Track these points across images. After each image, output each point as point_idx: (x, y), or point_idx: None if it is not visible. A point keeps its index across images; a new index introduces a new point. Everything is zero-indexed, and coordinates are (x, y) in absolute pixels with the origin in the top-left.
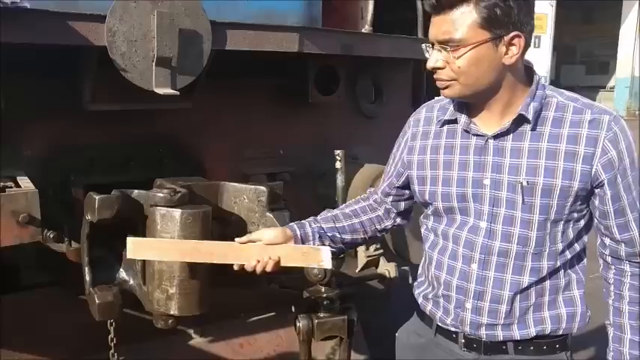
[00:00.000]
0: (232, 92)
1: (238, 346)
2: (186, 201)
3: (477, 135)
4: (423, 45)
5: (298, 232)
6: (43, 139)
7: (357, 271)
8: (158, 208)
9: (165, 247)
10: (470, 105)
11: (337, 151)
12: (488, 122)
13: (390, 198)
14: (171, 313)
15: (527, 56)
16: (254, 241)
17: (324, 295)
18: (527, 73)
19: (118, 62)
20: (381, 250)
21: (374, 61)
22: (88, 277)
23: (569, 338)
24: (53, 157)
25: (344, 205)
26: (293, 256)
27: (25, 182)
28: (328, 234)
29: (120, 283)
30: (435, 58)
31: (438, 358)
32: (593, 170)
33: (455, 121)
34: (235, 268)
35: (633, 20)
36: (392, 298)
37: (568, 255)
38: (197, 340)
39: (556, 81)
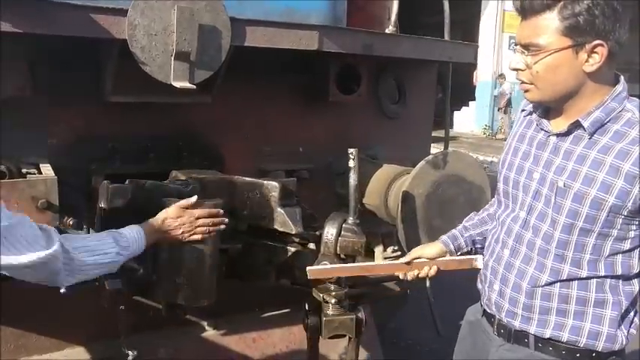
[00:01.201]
0: (253, 89)
1: (251, 341)
2: (198, 193)
3: (543, 130)
4: (513, 46)
5: (452, 246)
6: (67, 127)
7: None
8: (170, 199)
9: (337, 271)
10: None
11: (350, 150)
12: (559, 121)
13: None
14: (179, 302)
15: None
16: (416, 258)
17: (333, 293)
18: (615, 82)
19: (137, 55)
20: (399, 252)
21: (397, 61)
22: None
23: (600, 355)
24: (75, 146)
25: (488, 205)
26: (450, 265)
27: (46, 169)
28: (478, 238)
29: (129, 272)
30: (516, 59)
31: (478, 337)
32: (635, 191)
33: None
34: (401, 277)
35: None
36: (408, 300)
37: (602, 271)
38: (210, 333)
39: None
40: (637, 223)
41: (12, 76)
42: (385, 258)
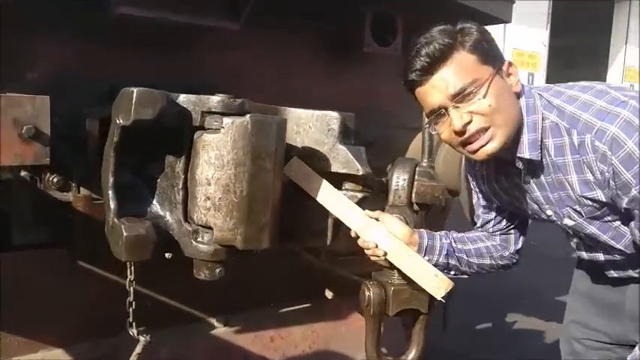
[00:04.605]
0: (275, 35)
1: (268, 340)
2: (248, 110)
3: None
4: (426, 124)
5: (425, 242)
6: (53, 58)
7: None
8: (216, 116)
9: (313, 180)
10: None
11: None
12: (508, 160)
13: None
14: (237, 245)
15: None
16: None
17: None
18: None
19: None
20: None
21: (438, 11)
22: (112, 204)
23: None
24: (63, 83)
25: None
26: (416, 270)
27: None
28: (457, 254)
29: (153, 218)
30: (458, 116)
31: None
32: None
33: None
34: (352, 235)
35: (619, 67)
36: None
37: None
38: (221, 330)
39: None
40: None
41: None
42: None
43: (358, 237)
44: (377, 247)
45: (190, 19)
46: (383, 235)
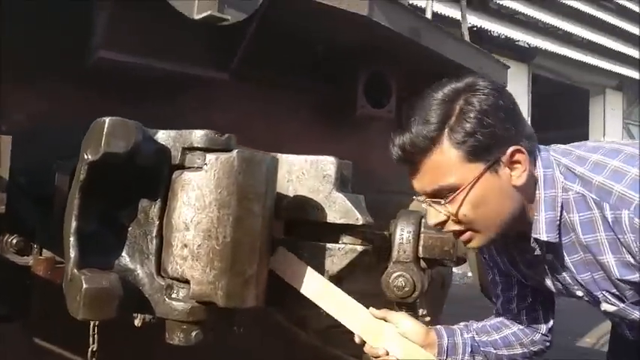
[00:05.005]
0: (266, 94)
1: None
2: (235, 147)
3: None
4: (416, 197)
5: (445, 341)
6: (23, 107)
7: None
8: (199, 152)
9: (304, 274)
10: None
11: None
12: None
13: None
14: (217, 301)
15: None
16: (386, 321)
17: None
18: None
19: None
20: (428, 318)
21: (431, 71)
22: (72, 253)
23: None
24: (33, 135)
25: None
26: None
27: None
28: (482, 348)
29: (121, 272)
30: (433, 214)
31: None
32: None
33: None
34: (356, 340)
35: None
36: None
37: None
38: None
39: None
40: None
41: None
42: None
43: (364, 342)
44: (388, 354)
45: (178, 67)
46: (394, 338)
